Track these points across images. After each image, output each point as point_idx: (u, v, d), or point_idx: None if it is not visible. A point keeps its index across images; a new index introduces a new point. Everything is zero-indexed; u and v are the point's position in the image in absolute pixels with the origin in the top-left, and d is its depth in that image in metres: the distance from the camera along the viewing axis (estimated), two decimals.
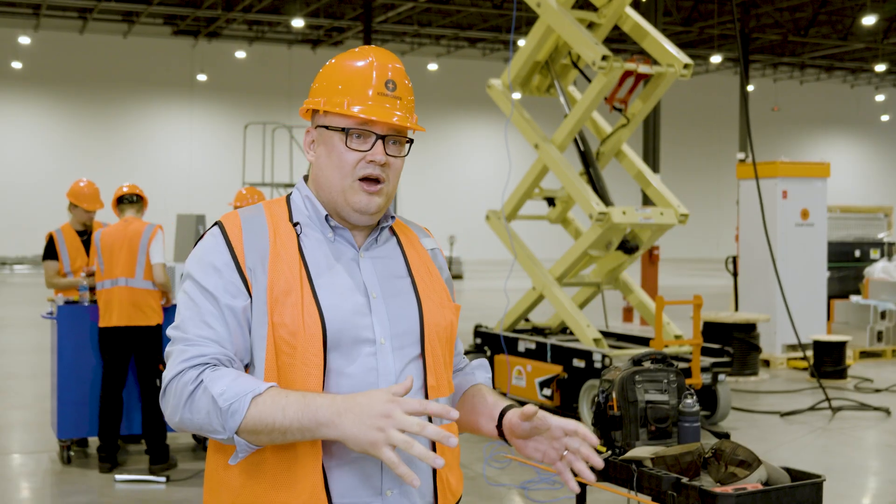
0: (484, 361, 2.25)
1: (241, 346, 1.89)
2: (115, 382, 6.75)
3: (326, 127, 1.98)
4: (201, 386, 1.80)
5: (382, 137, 1.95)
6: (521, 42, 10.55)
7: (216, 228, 1.96)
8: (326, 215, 1.99)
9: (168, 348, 1.90)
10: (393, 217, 2.08)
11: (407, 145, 2.01)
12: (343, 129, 1.95)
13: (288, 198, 2.05)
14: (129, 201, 6.92)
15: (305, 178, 2.07)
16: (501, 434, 2.04)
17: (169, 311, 6.98)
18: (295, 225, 1.98)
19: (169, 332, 1.92)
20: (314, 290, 1.90)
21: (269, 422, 1.76)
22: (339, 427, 1.73)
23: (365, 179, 1.95)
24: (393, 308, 1.96)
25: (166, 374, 1.86)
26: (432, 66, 34.22)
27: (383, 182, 1.97)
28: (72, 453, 7.08)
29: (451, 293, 2.13)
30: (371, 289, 1.96)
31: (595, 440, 1.94)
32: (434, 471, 1.96)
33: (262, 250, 1.92)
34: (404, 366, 1.94)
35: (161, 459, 6.68)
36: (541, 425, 1.95)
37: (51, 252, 7.36)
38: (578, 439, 1.93)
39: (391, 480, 1.90)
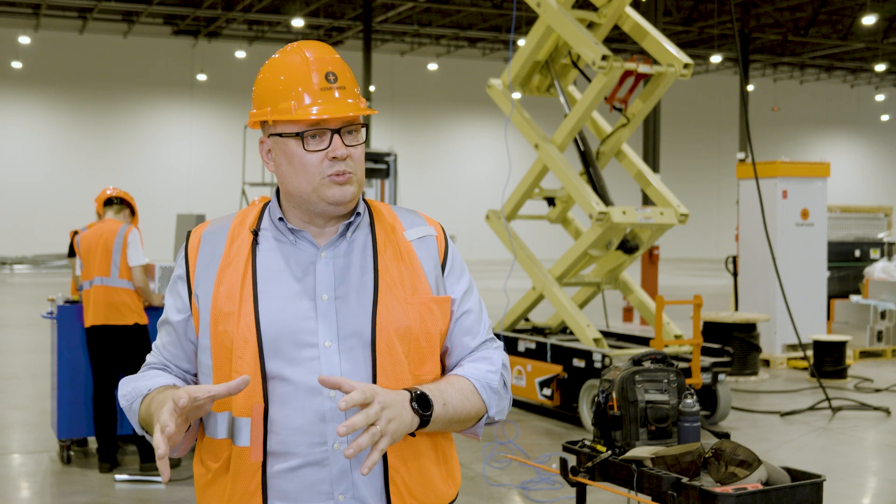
0: (491, 354, 2.05)
1: (178, 357, 2.04)
2: (105, 382, 6.76)
3: (280, 135, 1.95)
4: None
5: (337, 131, 1.93)
6: (521, 42, 10.55)
7: (185, 243, 2.04)
8: (280, 217, 1.98)
9: None
10: (359, 213, 2.01)
11: (362, 131, 1.99)
12: (297, 134, 1.93)
13: (265, 205, 2.06)
14: (111, 203, 6.97)
15: None
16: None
17: (155, 312, 6.97)
18: (255, 233, 1.98)
19: None
20: (256, 297, 1.91)
21: (146, 417, 1.94)
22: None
23: (332, 174, 1.93)
24: (344, 309, 1.92)
25: None
26: (432, 66, 34.22)
27: (351, 173, 1.95)
28: (72, 453, 7.08)
29: (441, 284, 2.02)
30: (323, 291, 1.93)
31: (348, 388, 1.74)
32: (385, 473, 1.91)
33: (215, 261, 1.98)
34: (353, 367, 1.90)
35: (151, 458, 6.68)
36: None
37: (72, 250, 7.49)
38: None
39: (343, 484, 1.88)
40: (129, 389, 2.00)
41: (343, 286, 1.94)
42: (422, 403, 1.85)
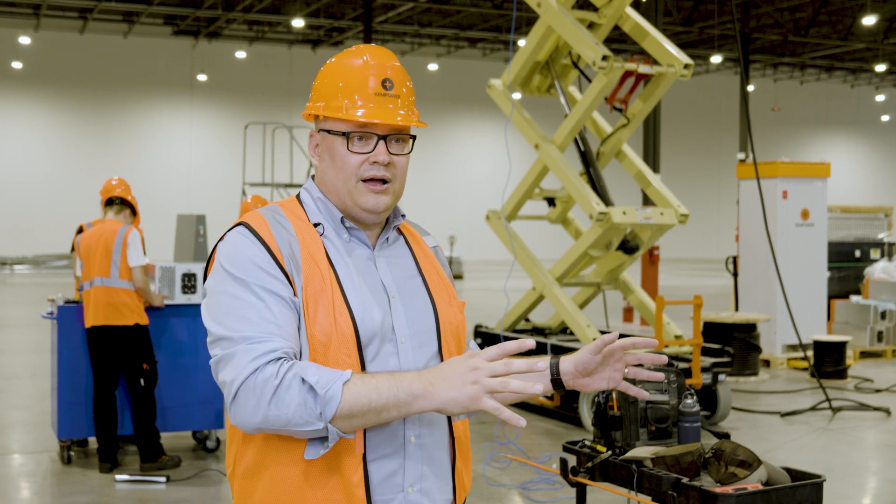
0: None
1: (296, 337, 1.87)
2: (104, 382, 6.76)
3: (328, 131, 1.98)
4: (287, 378, 1.77)
5: (384, 137, 1.96)
6: (522, 42, 10.55)
7: (243, 228, 1.92)
8: (342, 217, 2.00)
9: (221, 352, 1.83)
10: (404, 216, 2.10)
11: (410, 142, 2.02)
12: (343, 134, 1.96)
13: (299, 199, 2.04)
14: (111, 203, 6.95)
15: (313, 178, 2.07)
16: (558, 385, 2.06)
17: (156, 313, 6.98)
18: (316, 226, 1.98)
19: (215, 332, 1.85)
20: (343, 291, 1.91)
21: (365, 402, 1.77)
22: (434, 395, 1.78)
23: (370, 180, 1.96)
24: (410, 307, 1.99)
25: (234, 377, 1.79)
26: (432, 66, 34.21)
27: (389, 181, 1.97)
28: (72, 453, 7.08)
29: (455, 289, 2.16)
30: (389, 289, 1.99)
31: (652, 342, 1.99)
32: (453, 467, 2.00)
33: (294, 249, 1.92)
34: (424, 363, 1.97)
35: (151, 458, 6.69)
36: (613, 349, 2.00)
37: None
38: (639, 350, 1.99)
39: (412, 476, 1.93)
40: (318, 375, 1.77)
41: (402, 286, 2.01)
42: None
